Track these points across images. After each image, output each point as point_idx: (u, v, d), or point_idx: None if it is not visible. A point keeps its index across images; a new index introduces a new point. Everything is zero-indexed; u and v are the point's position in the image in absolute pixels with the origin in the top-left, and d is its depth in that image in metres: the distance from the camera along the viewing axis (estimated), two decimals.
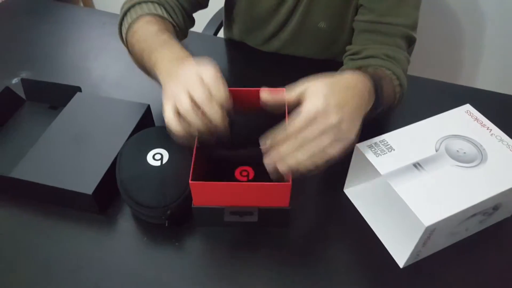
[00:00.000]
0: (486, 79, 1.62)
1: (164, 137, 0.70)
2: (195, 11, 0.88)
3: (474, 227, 0.65)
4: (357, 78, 0.62)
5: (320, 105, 0.54)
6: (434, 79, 0.93)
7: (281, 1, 0.88)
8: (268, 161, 0.55)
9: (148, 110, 0.77)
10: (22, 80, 0.84)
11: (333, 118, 0.54)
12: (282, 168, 0.55)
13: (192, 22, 0.88)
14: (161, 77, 0.63)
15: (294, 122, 0.54)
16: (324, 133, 0.54)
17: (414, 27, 0.79)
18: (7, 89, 0.83)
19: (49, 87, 0.83)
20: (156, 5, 0.77)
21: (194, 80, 0.57)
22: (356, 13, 0.83)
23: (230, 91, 0.75)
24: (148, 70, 0.70)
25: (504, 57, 1.54)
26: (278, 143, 0.55)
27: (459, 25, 1.51)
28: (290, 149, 0.54)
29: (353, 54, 0.79)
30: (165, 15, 0.77)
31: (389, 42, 0.76)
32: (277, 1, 0.89)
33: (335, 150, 0.55)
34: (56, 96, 0.82)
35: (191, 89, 0.56)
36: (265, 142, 0.56)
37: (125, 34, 0.77)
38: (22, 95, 0.85)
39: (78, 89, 0.81)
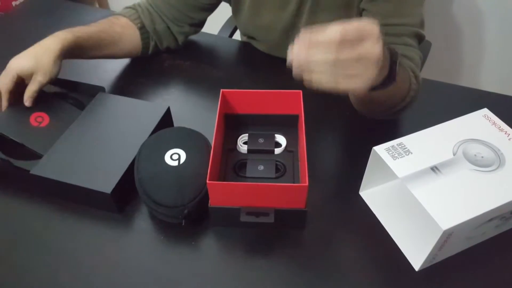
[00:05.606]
0: (500, 83, 1.61)
1: (181, 137, 0.71)
2: (200, 17, 0.97)
3: (491, 232, 0.64)
4: None
5: (376, 30, 0.49)
6: (448, 82, 0.93)
7: (283, 8, 0.88)
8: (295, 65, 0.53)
9: (168, 111, 0.78)
10: None
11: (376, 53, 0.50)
12: (306, 76, 0.52)
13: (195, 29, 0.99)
14: None
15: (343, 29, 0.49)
16: (360, 61, 0.50)
17: (421, 24, 0.79)
18: None
19: (73, 85, 0.84)
20: (132, 10, 0.94)
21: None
22: (360, 17, 0.83)
23: (244, 93, 0.76)
24: None
25: None
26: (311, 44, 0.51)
27: (463, 28, 1.51)
28: (321, 61, 0.50)
29: None
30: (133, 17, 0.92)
31: (399, 42, 0.77)
32: (279, 9, 0.89)
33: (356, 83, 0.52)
34: (79, 94, 0.83)
35: None
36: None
37: None
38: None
39: (102, 89, 0.82)
